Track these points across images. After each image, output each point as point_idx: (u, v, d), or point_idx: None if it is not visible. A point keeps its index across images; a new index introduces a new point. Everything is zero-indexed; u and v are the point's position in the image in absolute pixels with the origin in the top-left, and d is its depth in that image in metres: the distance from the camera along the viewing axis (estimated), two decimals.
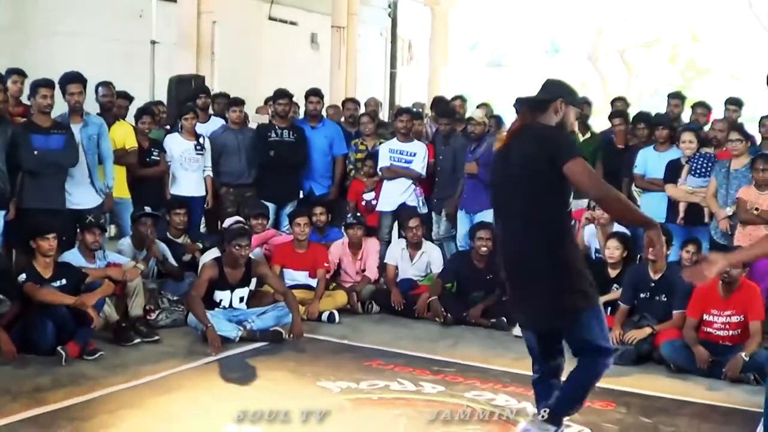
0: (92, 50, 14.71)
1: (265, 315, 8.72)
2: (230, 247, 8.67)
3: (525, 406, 6.68)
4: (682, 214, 9.87)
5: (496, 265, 9.75)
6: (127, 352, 7.91)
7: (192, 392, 6.83)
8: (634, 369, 8.07)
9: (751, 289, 8.06)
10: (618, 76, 37.11)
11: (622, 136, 11.10)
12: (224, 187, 11.16)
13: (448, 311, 9.63)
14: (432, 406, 6.59)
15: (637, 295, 8.71)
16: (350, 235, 10.16)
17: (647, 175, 10.37)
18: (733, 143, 9.53)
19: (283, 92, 11.30)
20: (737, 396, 7.35)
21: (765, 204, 9.10)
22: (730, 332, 8.03)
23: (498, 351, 8.59)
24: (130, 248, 9.31)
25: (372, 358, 7.63)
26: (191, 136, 10.87)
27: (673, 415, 6.72)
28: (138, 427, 5.99)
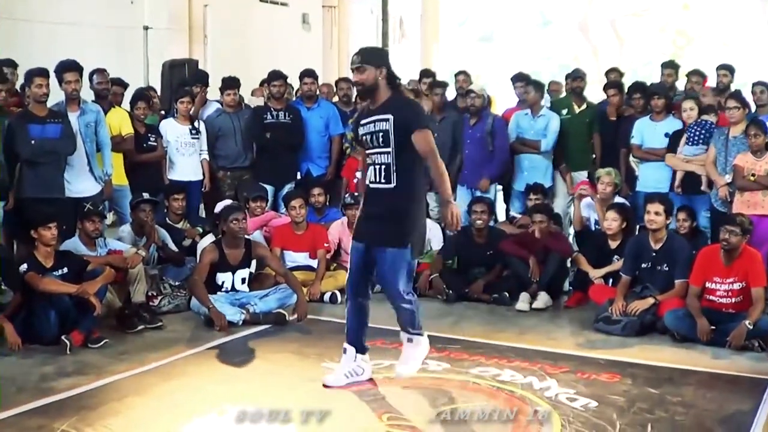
0: (85, 38, 14.67)
1: (268, 298, 8.73)
2: (228, 224, 8.69)
3: (531, 380, 6.74)
4: (678, 182, 9.89)
5: (496, 241, 9.84)
6: (131, 339, 7.93)
7: (197, 378, 6.83)
8: (639, 340, 8.11)
9: (753, 256, 8.08)
10: (610, 47, 37.00)
11: (615, 108, 11.10)
12: (221, 170, 11.16)
13: (449, 288, 9.64)
14: (437, 384, 6.62)
15: (639, 265, 8.73)
16: (349, 216, 10.15)
17: (644, 145, 10.41)
18: (731, 110, 9.55)
19: (277, 74, 11.28)
20: (742, 363, 7.39)
21: (761, 170, 9.15)
22: (733, 299, 8.06)
23: (501, 326, 8.63)
24: (131, 235, 9.32)
25: (375, 337, 7.62)
26: (186, 120, 10.86)
27: (678, 384, 6.73)
28: (145, 414, 5.99)
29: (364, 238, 6.37)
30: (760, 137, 9.15)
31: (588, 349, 7.80)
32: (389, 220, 6.18)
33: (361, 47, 6.48)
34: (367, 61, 6.19)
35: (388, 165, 6.17)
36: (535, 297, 9.37)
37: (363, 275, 6.50)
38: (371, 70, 6.17)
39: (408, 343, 6.49)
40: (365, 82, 6.21)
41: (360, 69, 6.19)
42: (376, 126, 6.19)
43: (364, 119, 6.31)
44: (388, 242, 6.21)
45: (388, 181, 6.19)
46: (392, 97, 6.25)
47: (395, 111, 6.16)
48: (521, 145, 11.00)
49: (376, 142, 6.21)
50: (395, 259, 6.20)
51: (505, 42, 37.26)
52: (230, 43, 17.01)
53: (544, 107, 11.19)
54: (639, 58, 35.95)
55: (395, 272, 6.23)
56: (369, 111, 6.31)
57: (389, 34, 23.21)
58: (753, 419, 5.99)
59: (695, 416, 6.03)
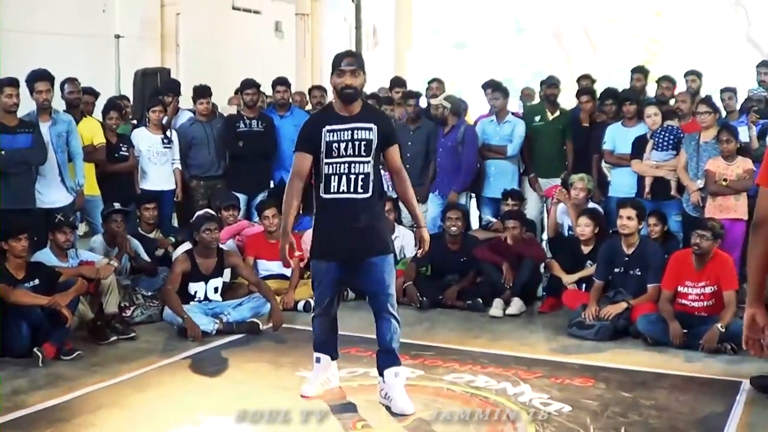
0: (56, 47, 14.62)
1: (241, 307, 8.72)
2: (201, 234, 8.69)
3: (505, 386, 6.76)
4: (648, 189, 9.93)
5: (470, 247, 9.86)
6: (104, 351, 7.89)
7: (171, 388, 6.81)
8: (612, 344, 8.17)
9: (724, 260, 8.14)
10: (583, 54, 37.13)
11: (588, 114, 11.14)
12: (194, 179, 11.14)
13: (423, 295, 9.65)
14: (412, 391, 6.57)
15: (612, 270, 8.78)
16: None
17: (616, 150, 10.45)
18: (702, 116, 9.60)
19: (250, 82, 11.29)
20: (715, 366, 7.43)
21: (733, 175, 9.21)
22: (705, 303, 8.12)
23: (475, 333, 8.65)
24: (103, 245, 9.27)
25: (350, 345, 7.63)
26: (158, 129, 10.85)
27: (652, 388, 6.76)
28: (120, 426, 5.96)
29: (345, 256, 6.18)
30: (732, 143, 9.22)
31: (561, 354, 7.83)
32: (373, 229, 6.12)
33: (350, 52, 6.40)
34: (361, 66, 6.09)
35: (367, 174, 6.07)
36: (508, 303, 9.39)
37: (336, 294, 6.48)
38: (362, 76, 6.08)
39: (396, 379, 6.23)
40: (357, 87, 6.06)
41: (355, 72, 6.03)
42: (358, 134, 6.05)
43: (333, 125, 6.09)
44: (378, 251, 6.14)
45: (366, 191, 6.08)
46: (366, 107, 6.22)
47: (377, 121, 6.11)
48: (487, 151, 11.01)
49: (353, 150, 6.03)
50: (386, 265, 6.16)
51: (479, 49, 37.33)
52: (203, 51, 16.99)
53: (509, 113, 11.21)
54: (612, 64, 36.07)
55: (387, 280, 6.17)
56: (339, 118, 6.11)
57: (362, 42, 23.25)
58: (726, 421, 6.03)
59: (669, 419, 6.06)
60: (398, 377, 6.23)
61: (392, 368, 6.22)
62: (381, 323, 6.24)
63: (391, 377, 6.21)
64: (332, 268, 6.26)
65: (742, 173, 9.19)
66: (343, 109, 6.13)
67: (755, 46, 34.22)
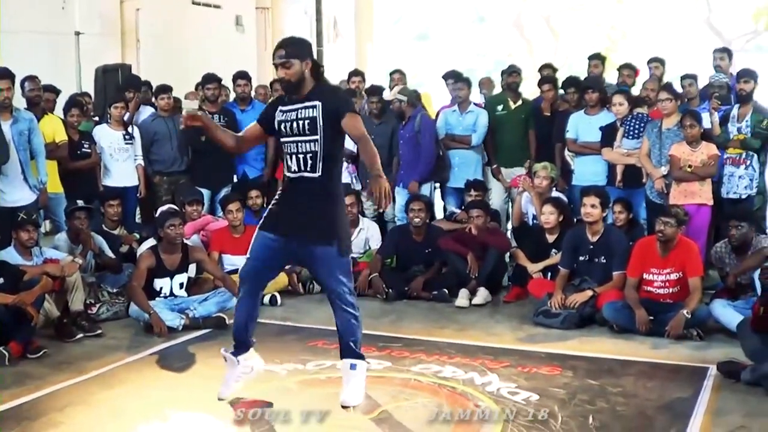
0: (16, 45, 14.47)
1: (207, 302, 8.69)
2: (165, 230, 8.65)
3: (472, 376, 6.78)
4: (620, 177, 9.99)
5: (434, 238, 9.88)
6: (71, 348, 7.85)
7: (138, 384, 6.79)
8: (578, 332, 8.22)
9: (689, 246, 8.20)
10: (545, 43, 37.23)
11: (550, 103, 11.18)
12: (158, 175, 11.12)
13: (389, 287, 9.67)
14: (379, 382, 6.61)
15: (577, 258, 8.82)
16: None
17: (579, 139, 10.50)
18: (663, 102, 9.67)
19: (211, 77, 11.27)
20: (681, 352, 7.50)
21: (697, 160, 9.27)
22: (670, 290, 8.18)
23: (441, 323, 8.67)
24: (67, 243, 9.22)
25: (316, 338, 7.64)
26: (120, 126, 10.82)
27: (619, 375, 6.81)
28: (87, 423, 5.95)
29: (286, 232, 6.03)
30: (696, 128, 9.27)
31: (528, 343, 7.87)
32: (316, 213, 5.95)
33: (284, 39, 6.18)
34: (293, 56, 5.91)
35: (315, 153, 5.93)
36: (474, 293, 9.42)
37: (267, 271, 6.31)
38: (297, 64, 5.90)
39: (351, 370, 6.14)
40: (292, 78, 5.93)
41: (286, 64, 5.91)
42: (302, 113, 5.95)
43: (285, 107, 6.05)
44: (317, 239, 5.97)
45: (314, 170, 5.95)
46: (317, 86, 6.05)
47: (323, 97, 5.96)
48: (451, 141, 11.03)
49: (300, 129, 5.95)
50: (327, 256, 5.98)
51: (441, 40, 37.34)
52: (163, 46, 16.89)
53: (471, 104, 11.24)
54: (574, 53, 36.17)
55: (330, 269, 6.03)
56: (291, 100, 6.04)
57: (323, 34, 23.18)
58: (693, 407, 6.08)
59: (636, 406, 6.11)
60: (354, 369, 6.13)
61: (348, 359, 6.15)
62: (336, 316, 6.15)
63: (346, 367, 6.15)
64: (271, 242, 6.08)
65: (706, 159, 9.26)
66: (294, 94, 6.06)
67: (716, 32, 34.42)
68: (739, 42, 34.99)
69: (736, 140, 9.64)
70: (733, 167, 9.67)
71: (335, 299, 6.10)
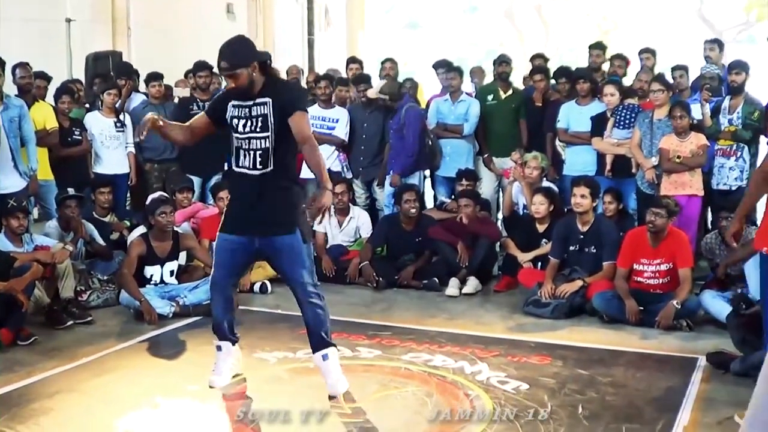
0: (7, 31, 14.46)
1: (197, 289, 8.68)
2: (156, 217, 8.65)
3: (462, 365, 6.79)
4: (609, 166, 10.01)
5: (425, 227, 9.89)
6: (61, 335, 7.84)
7: (129, 372, 6.79)
8: (568, 322, 8.24)
9: (679, 237, 8.22)
10: (536, 33, 37.27)
11: (541, 93, 11.19)
12: (149, 163, 11.12)
13: (379, 275, 9.68)
14: (370, 371, 6.65)
15: (567, 248, 8.84)
16: None
17: (570, 129, 10.50)
18: (655, 93, 9.69)
19: (202, 64, 11.26)
20: (671, 343, 7.53)
21: (686, 151, 9.29)
22: (660, 280, 8.20)
23: (431, 312, 8.68)
24: (57, 230, 9.21)
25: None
26: (111, 113, 10.80)
27: (608, 365, 6.84)
28: (78, 410, 5.95)
29: (246, 231, 6.02)
30: (685, 119, 9.29)
31: (518, 333, 7.89)
32: (272, 205, 5.91)
33: (224, 49, 5.94)
34: (237, 65, 5.81)
35: (266, 149, 5.89)
36: (464, 282, 9.43)
37: (233, 275, 6.30)
38: (243, 72, 5.80)
39: (324, 361, 6.10)
40: (241, 86, 5.84)
41: (233, 77, 5.83)
42: (254, 111, 5.90)
43: (237, 102, 5.97)
44: (279, 230, 5.95)
45: (265, 166, 5.91)
46: (268, 82, 5.98)
47: (273, 94, 5.91)
48: (443, 130, 11.04)
49: (252, 127, 5.90)
50: (289, 247, 5.94)
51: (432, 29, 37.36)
52: (154, 34, 16.84)
53: (463, 93, 11.25)
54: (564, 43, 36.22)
55: (293, 262, 5.98)
56: (243, 95, 5.94)
57: (314, 22, 23.18)
58: (682, 398, 6.10)
59: (626, 396, 6.13)
60: (328, 360, 6.10)
61: (321, 351, 6.11)
62: (304, 311, 6.11)
63: (319, 360, 6.12)
64: (234, 244, 6.08)
65: (696, 149, 9.28)
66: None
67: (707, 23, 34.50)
68: (731, 33, 35.11)
69: (727, 131, 9.66)
70: (724, 158, 9.69)
71: (300, 292, 6.05)
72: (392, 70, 12.08)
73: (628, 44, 20.83)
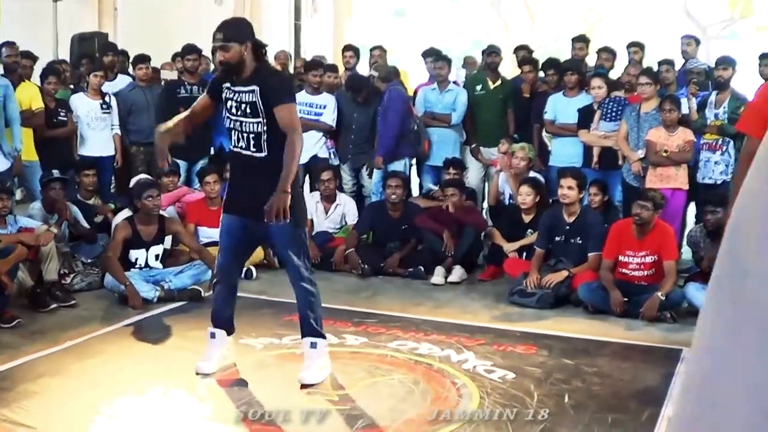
0: None
1: (183, 274, 8.68)
2: (142, 201, 8.60)
3: (448, 353, 6.79)
4: (596, 158, 10.02)
5: (411, 215, 9.88)
6: (45, 318, 7.80)
7: (114, 356, 6.76)
8: (553, 312, 8.26)
9: (665, 230, 8.25)
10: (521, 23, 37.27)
11: (530, 84, 11.19)
12: (134, 145, 11.07)
13: (365, 262, 9.66)
14: (356, 358, 6.65)
15: (553, 238, 8.85)
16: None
17: (557, 120, 10.51)
18: (643, 87, 9.71)
19: (191, 48, 11.23)
20: (655, 334, 7.56)
21: (674, 145, 9.31)
22: (645, 272, 8.22)
23: (417, 300, 8.68)
24: (41, 212, 9.14)
25: (292, 312, 7.56)
26: (97, 94, 10.75)
27: (594, 355, 6.86)
28: (62, 394, 5.92)
29: (243, 213, 6.04)
30: (675, 112, 9.32)
31: (504, 322, 7.90)
32: (267, 189, 5.84)
33: (223, 22, 6.08)
34: (231, 38, 5.83)
35: (259, 134, 5.90)
36: (450, 271, 9.44)
37: (238, 256, 6.39)
38: (236, 47, 5.80)
39: (311, 349, 6.13)
40: (230, 60, 5.84)
41: (224, 48, 5.82)
42: (243, 97, 5.90)
43: (229, 85, 5.98)
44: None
45: (259, 150, 5.92)
46: (258, 68, 5.98)
47: (261, 82, 5.89)
48: (431, 119, 11.04)
49: (242, 111, 5.92)
50: (283, 228, 5.91)
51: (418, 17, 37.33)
52: (140, 16, 16.80)
53: (450, 82, 11.25)
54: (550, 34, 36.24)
55: (287, 245, 6.05)
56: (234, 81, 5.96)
57: (302, 9, 23.13)
58: (667, 388, 6.10)
59: (611, 386, 6.15)
60: (315, 348, 6.12)
61: (309, 338, 6.13)
62: (296, 294, 6.18)
63: (307, 346, 6.14)
64: (233, 226, 6.14)
65: (682, 144, 9.30)
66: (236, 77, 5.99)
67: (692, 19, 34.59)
68: (715, 29, 35.21)
69: (713, 126, 9.70)
70: (710, 153, 9.72)
71: (294, 274, 6.12)
72: (381, 57, 12.09)
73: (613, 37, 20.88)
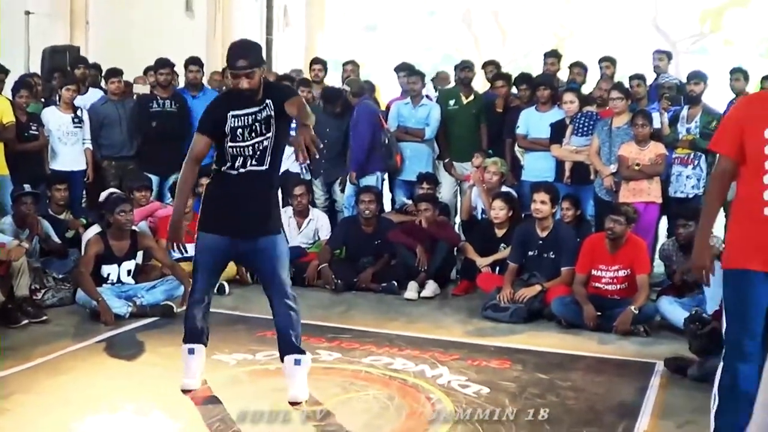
0: None
1: (155, 289, 8.63)
2: (115, 215, 8.52)
3: (423, 368, 6.78)
4: (568, 173, 10.04)
5: (384, 230, 9.87)
6: (16, 334, 7.71)
7: (86, 372, 6.70)
8: (526, 327, 8.27)
9: (637, 244, 8.30)
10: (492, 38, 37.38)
11: (503, 99, 11.21)
12: (106, 160, 11.01)
13: (338, 278, 9.64)
14: (330, 374, 6.61)
15: (526, 253, 8.87)
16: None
17: (530, 135, 10.53)
18: (614, 101, 9.76)
19: (165, 62, 11.20)
20: (628, 348, 7.60)
21: (645, 159, 9.36)
22: (618, 286, 8.27)
23: (391, 315, 8.67)
24: (12, 227, 9.07)
25: (265, 328, 7.57)
26: (69, 108, 10.69)
27: (568, 369, 6.88)
28: (33, 411, 5.85)
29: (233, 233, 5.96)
30: (647, 127, 9.39)
31: (477, 337, 7.90)
32: (264, 205, 5.91)
33: (241, 48, 5.89)
34: (255, 65, 5.73)
35: (265, 148, 5.86)
36: (423, 286, 9.43)
37: (216, 274, 6.34)
38: (258, 72, 5.74)
39: (296, 366, 6.00)
40: (254, 87, 5.76)
41: (249, 75, 5.71)
42: (260, 116, 5.83)
43: (237, 111, 5.84)
44: (270, 230, 5.95)
45: (261, 164, 5.87)
46: (265, 88, 5.90)
47: (271, 94, 5.86)
48: (404, 134, 11.04)
49: (258, 131, 5.82)
50: (278, 246, 5.94)
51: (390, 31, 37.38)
52: (112, 29, 16.75)
53: (424, 97, 11.26)
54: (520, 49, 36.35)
55: (282, 262, 5.99)
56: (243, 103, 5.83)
57: (273, 22, 23.11)
58: (641, 402, 6.15)
59: (586, 400, 6.16)
60: (299, 365, 6.02)
61: (293, 355, 6.03)
62: (277, 312, 6.03)
63: (290, 364, 6.03)
64: (218, 246, 6.04)
65: (654, 157, 9.35)
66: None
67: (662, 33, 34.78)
68: (685, 44, 35.41)
69: (685, 140, 9.77)
70: (681, 167, 9.79)
71: (277, 293, 6.01)
72: (353, 72, 12.09)
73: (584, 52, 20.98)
